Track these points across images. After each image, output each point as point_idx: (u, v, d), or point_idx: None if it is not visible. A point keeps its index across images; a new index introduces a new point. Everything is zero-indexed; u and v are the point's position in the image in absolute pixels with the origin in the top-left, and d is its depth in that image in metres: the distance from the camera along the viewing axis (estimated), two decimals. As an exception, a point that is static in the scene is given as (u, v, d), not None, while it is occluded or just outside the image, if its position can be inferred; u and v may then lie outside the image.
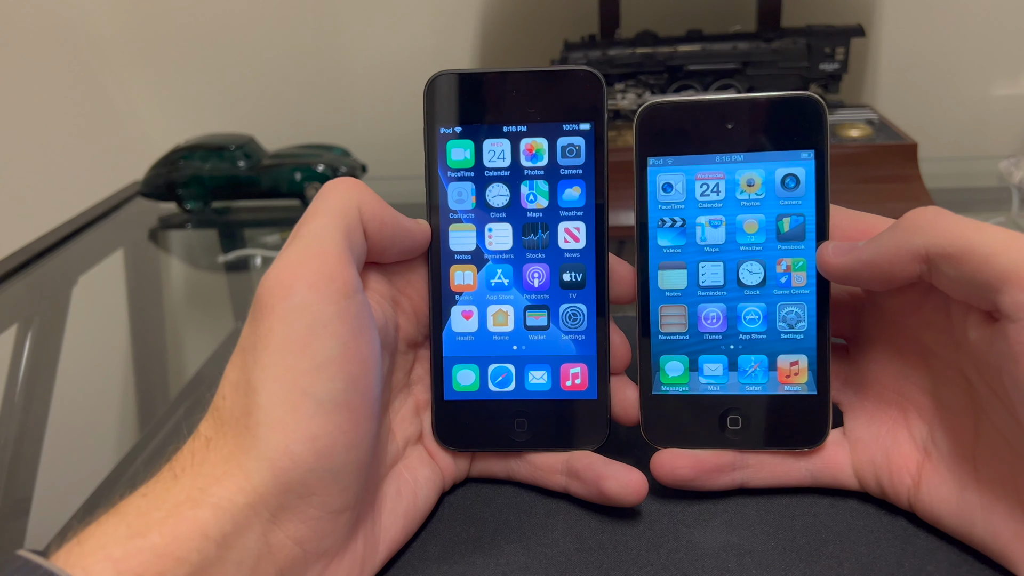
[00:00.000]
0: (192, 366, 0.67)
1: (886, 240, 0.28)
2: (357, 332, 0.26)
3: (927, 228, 0.27)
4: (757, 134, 0.31)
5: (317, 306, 0.26)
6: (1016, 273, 0.24)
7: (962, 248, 0.25)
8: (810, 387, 0.31)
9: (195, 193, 0.72)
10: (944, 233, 0.26)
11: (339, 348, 0.26)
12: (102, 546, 0.22)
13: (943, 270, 0.26)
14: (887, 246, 0.28)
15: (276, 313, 0.26)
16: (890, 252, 0.28)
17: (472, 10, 0.82)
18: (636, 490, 0.30)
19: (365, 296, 0.28)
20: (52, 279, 0.65)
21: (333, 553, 0.27)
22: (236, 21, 0.84)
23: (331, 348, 0.26)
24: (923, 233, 0.27)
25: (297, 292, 0.26)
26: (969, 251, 0.25)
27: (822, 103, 0.31)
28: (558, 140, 0.32)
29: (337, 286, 0.26)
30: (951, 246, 0.26)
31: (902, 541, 0.29)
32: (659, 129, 0.32)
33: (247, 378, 0.26)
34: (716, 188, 0.32)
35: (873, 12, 0.78)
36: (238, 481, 0.24)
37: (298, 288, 0.26)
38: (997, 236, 0.25)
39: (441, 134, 0.33)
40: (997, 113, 0.80)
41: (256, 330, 0.26)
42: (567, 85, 0.32)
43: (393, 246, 0.31)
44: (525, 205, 0.33)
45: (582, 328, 0.33)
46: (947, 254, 0.26)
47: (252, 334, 0.26)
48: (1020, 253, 0.24)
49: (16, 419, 0.51)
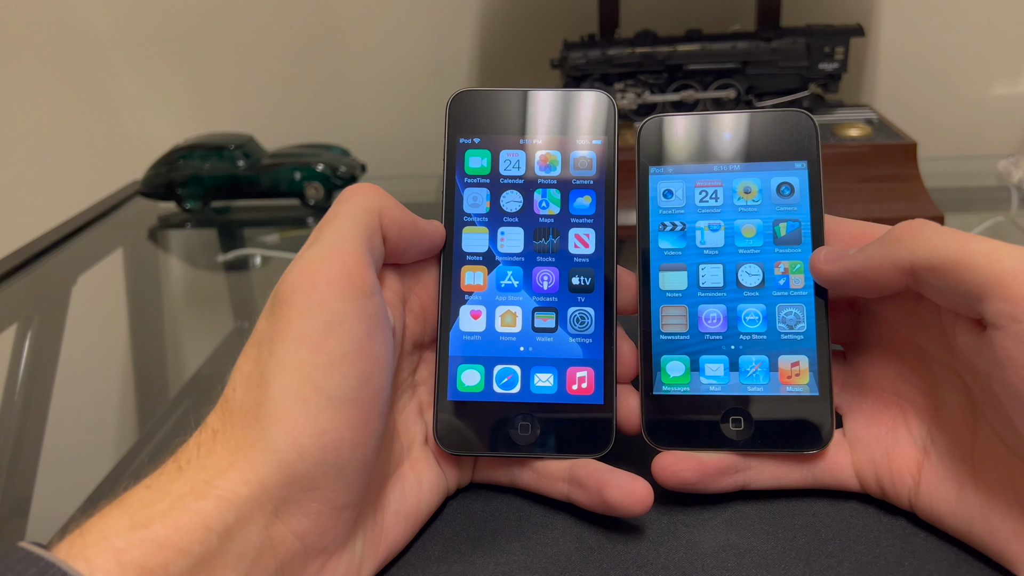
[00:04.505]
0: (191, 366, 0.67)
1: (873, 252, 0.29)
2: (372, 331, 0.27)
3: (911, 241, 0.27)
4: (753, 147, 0.33)
5: (336, 304, 0.26)
6: (998, 282, 0.24)
7: (945, 260, 0.26)
8: (812, 388, 0.32)
9: (195, 193, 0.72)
10: (927, 245, 0.27)
11: (354, 346, 0.26)
12: (104, 537, 0.22)
13: (928, 281, 0.27)
14: (874, 258, 0.28)
15: (295, 308, 0.26)
16: (876, 264, 0.28)
17: (472, 9, 0.82)
18: (640, 499, 0.29)
19: (382, 297, 0.28)
20: (52, 279, 0.65)
21: (333, 550, 0.27)
22: (236, 21, 0.84)
23: (346, 345, 0.26)
24: (908, 246, 0.27)
25: (317, 289, 0.26)
26: (952, 263, 0.26)
27: (812, 119, 0.33)
28: (571, 153, 0.34)
29: (356, 286, 0.27)
30: (934, 258, 0.26)
31: (902, 541, 0.29)
32: (660, 141, 0.34)
33: (260, 370, 0.26)
34: (715, 195, 0.33)
35: (873, 12, 0.78)
36: (243, 473, 0.24)
37: (318, 285, 0.26)
38: (979, 247, 0.25)
39: (461, 144, 0.34)
40: (996, 113, 0.80)
41: (274, 324, 0.26)
42: (581, 104, 0.34)
43: (412, 248, 0.31)
44: (537, 211, 0.34)
45: (589, 331, 0.33)
46: (931, 266, 0.26)
47: (269, 327, 0.27)
48: (1001, 263, 0.24)
49: (16, 419, 0.51)
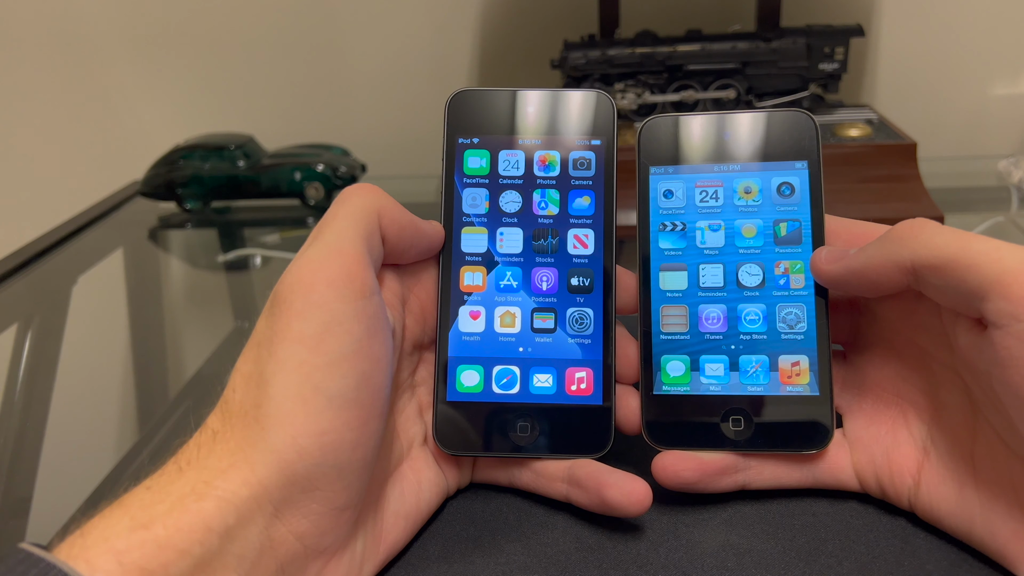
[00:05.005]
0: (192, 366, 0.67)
1: (874, 251, 0.28)
2: (372, 332, 0.27)
3: (912, 240, 0.27)
4: (753, 147, 0.33)
5: (335, 304, 0.26)
6: (999, 281, 0.24)
7: (946, 259, 0.26)
8: (812, 388, 0.32)
9: (195, 193, 0.72)
10: (928, 244, 0.26)
11: (353, 346, 0.26)
12: (105, 538, 0.22)
13: (930, 280, 0.27)
14: (875, 257, 0.28)
15: (294, 308, 0.26)
16: (877, 263, 0.28)
17: (472, 9, 0.82)
18: (639, 500, 0.29)
19: (381, 298, 0.28)
20: (52, 279, 0.65)
21: (333, 551, 0.27)
22: (236, 21, 0.84)
23: (345, 346, 0.26)
24: (909, 245, 0.27)
25: (316, 290, 0.26)
26: (953, 262, 0.25)
27: (813, 119, 0.33)
28: (570, 154, 0.34)
29: (356, 286, 0.27)
30: (935, 258, 0.26)
31: (902, 541, 0.29)
32: (660, 141, 0.34)
33: (260, 370, 0.26)
34: (715, 195, 0.33)
35: (873, 12, 0.78)
36: (243, 473, 0.24)
37: (318, 286, 0.26)
38: (980, 246, 0.25)
39: (460, 144, 0.34)
40: (996, 113, 0.80)
41: (273, 324, 0.26)
42: (580, 105, 0.34)
43: (411, 248, 0.31)
44: (536, 212, 0.34)
45: (588, 332, 0.33)
46: (932, 265, 0.26)
47: (268, 328, 0.26)
48: (1002, 262, 0.24)
49: (16, 418, 0.51)
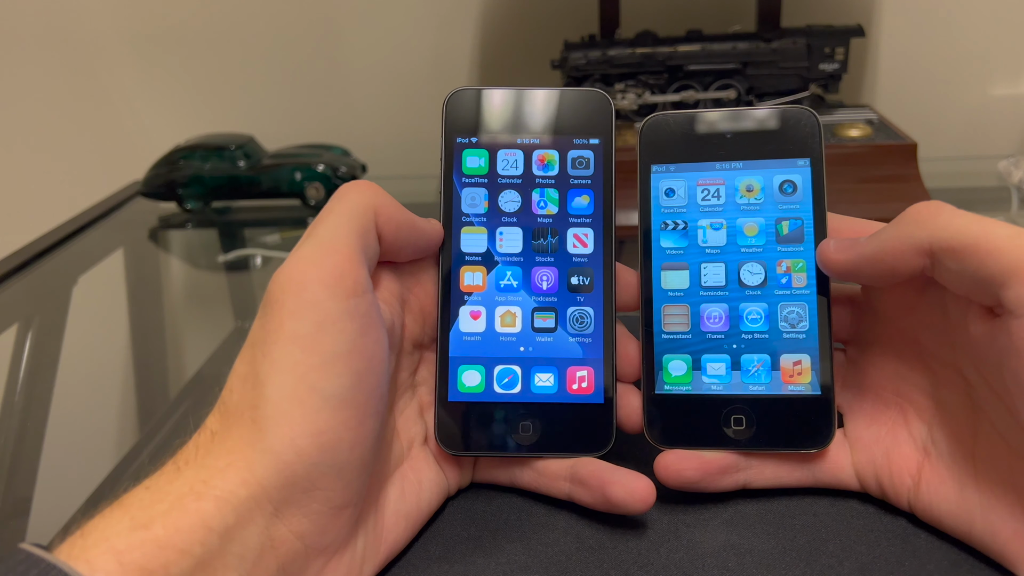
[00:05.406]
0: (192, 366, 0.67)
1: (889, 234, 0.28)
2: (365, 330, 0.27)
3: (931, 222, 0.26)
4: (755, 144, 0.33)
5: (327, 303, 0.26)
6: (1021, 268, 0.24)
7: (966, 242, 0.25)
8: (814, 387, 0.32)
9: (195, 193, 0.72)
10: (948, 227, 0.26)
11: (347, 345, 0.26)
12: (105, 538, 0.22)
13: (946, 264, 0.26)
14: (890, 240, 0.28)
15: (286, 308, 0.26)
16: (893, 246, 0.28)
17: (472, 10, 0.82)
18: (643, 497, 0.29)
19: (375, 296, 0.28)
20: (52, 279, 0.65)
21: (334, 550, 0.27)
22: (236, 21, 0.84)
23: (339, 345, 0.26)
24: (927, 227, 0.26)
25: (308, 288, 0.26)
26: (973, 245, 0.25)
27: (816, 116, 0.32)
28: (569, 152, 0.34)
29: (348, 284, 0.27)
30: (955, 240, 0.26)
31: (902, 541, 0.29)
32: (662, 139, 0.33)
33: (255, 371, 0.26)
34: (717, 193, 0.33)
35: (873, 12, 0.78)
36: (241, 474, 0.24)
37: (309, 285, 0.26)
38: (1001, 231, 0.25)
39: (458, 143, 0.34)
40: (996, 113, 0.80)
41: (266, 325, 0.26)
42: (578, 104, 0.34)
43: (408, 246, 0.31)
44: (536, 211, 0.34)
45: (589, 331, 0.33)
46: (951, 248, 0.26)
47: (262, 328, 0.26)
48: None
49: (16, 419, 0.51)
